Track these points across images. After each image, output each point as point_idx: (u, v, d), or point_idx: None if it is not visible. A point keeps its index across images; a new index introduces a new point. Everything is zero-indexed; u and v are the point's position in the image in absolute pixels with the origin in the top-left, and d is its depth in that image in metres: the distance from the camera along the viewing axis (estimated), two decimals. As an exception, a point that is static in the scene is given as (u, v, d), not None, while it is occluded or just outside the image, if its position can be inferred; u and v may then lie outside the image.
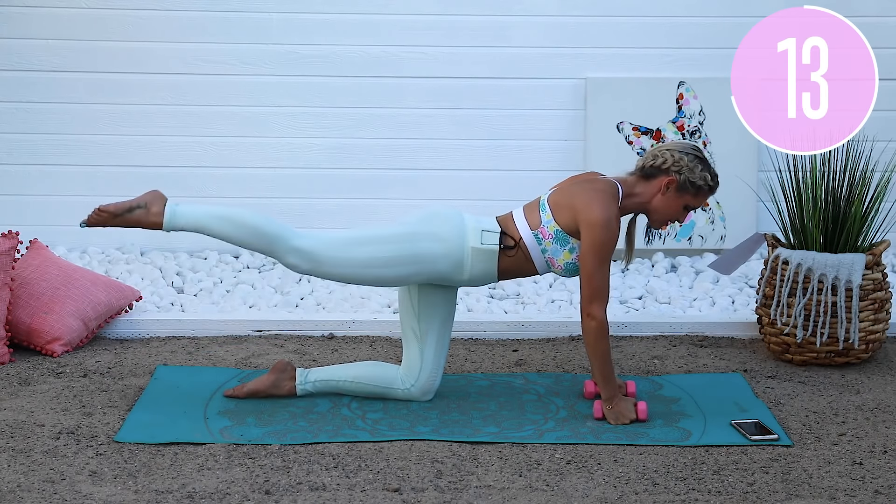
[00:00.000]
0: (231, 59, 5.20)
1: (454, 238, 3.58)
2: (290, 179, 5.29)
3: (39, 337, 4.10)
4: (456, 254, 3.59)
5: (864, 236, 4.11)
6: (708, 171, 3.60)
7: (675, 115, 5.22)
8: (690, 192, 3.60)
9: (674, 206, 3.62)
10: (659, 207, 3.62)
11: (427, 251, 3.56)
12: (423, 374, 3.69)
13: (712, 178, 3.61)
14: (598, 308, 3.53)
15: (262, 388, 3.72)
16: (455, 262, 3.59)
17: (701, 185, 3.59)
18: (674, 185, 3.59)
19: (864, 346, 4.07)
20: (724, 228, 5.26)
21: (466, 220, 3.62)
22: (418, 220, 3.62)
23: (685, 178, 3.57)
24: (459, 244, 3.59)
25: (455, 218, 3.62)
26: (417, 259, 3.57)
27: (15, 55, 5.16)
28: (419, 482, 3.18)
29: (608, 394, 3.58)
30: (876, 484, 3.20)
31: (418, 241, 3.57)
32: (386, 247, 3.55)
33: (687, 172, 3.57)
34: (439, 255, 3.57)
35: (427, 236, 3.57)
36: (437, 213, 3.64)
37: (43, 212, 5.25)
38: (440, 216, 3.62)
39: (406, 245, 3.56)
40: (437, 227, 3.59)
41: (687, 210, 3.64)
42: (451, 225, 3.60)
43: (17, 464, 3.26)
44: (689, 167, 3.58)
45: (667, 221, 3.66)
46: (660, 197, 3.61)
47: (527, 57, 5.24)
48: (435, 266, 3.58)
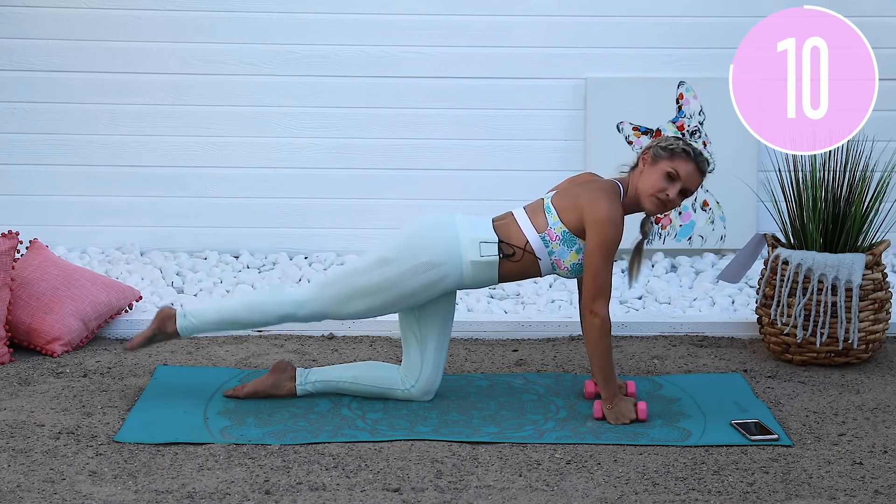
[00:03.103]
0: (231, 59, 5.20)
1: (449, 258, 3.57)
2: (290, 179, 5.29)
3: (39, 337, 4.10)
4: (454, 272, 3.59)
5: (864, 236, 4.11)
6: (680, 140, 3.62)
7: (675, 115, 5.22)
8: (664, 157, 3.59)
9: (654, 177, 3.59)
10: (643, 186, 3.61)
11: (424, 282, 3.58)
12: (423, 375, 3.69)
13: (684, 143, 3.61)
14: (602, 306, 3.53)
15: (262, 388, 3.72)
16: (455, 279, 3.60)
17: (673, 148, 3.59)
18: (648, 157, 3.62)
19: (864, 346, 4.07)
20: (724, 228, 5.26)
21: (460, 231, 3.59)
22: (405, 249, 3.59)
23: (655, 145, 3.61)
24: (456, 262, 3.58)
25: (447, 232, 3.59)
26: (416, 292, 3.59)
27: (15, 55, 5.16)
28: (419, 482, 3.18)
29: (608, 394, 3.58)
30: (876, 484, 3.20)
31: (414, 278, 3.57)
32: (383, 295, 3.59)
33: (656, 142, 3.63)
34: (436, 281, 3.58)
35: (418, 269, 3.56)
36: (426, 230, 3.61)
37: (43, 212, 5.25)
38: (428, 239, 3.59)
39: (399, 288, 3.58)
40: (429, 254, 3.57)
41: (672, 180, 3.58)
42: (443, 244, 3.58)
43: (17, 464, 3.26)
44: (660, 139, 3.65)
45: (657, 202, 3.60)
46: (640, 175, 3.63)
47: (527, 57, 5.23)
48: (434, 289, 3.60)
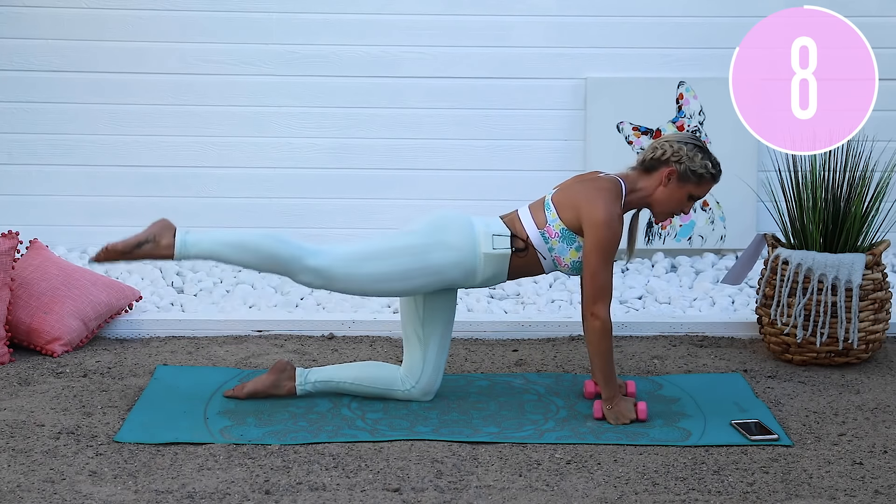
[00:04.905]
0: (231, 59, 5.20)
1: (466, 246, 3.56)
2: (290, 179, 5.28)
3: (39, 337, 4.10)
4: (469, 261, 3.57)
5: (864, 236, 4.11)
6: (709, 159, 3.57)
7: (675, 115, 5.22)
8: (692, 181, 3.56)
9: (676, 196, 3.59)
10: (662, 200, 3.59)
11: (440, 262, 3.55)
12: (424, 376, 3.69)
13: (713, 165, 3.57)
14: (602, 307, 3.52)
15: (261, 388, 3.72)
16: (468, 270, 3.58)
17: (702, 174, 3.56)
18: (675, 175, 3.56)
19: (864, 346, 4.06)
20: (724, 228, 5.26)
21: (476, 225, 3.59)
22: (428, 228, 3.58)
23: (685, 167, 3.55)
24: (472, 252, 3.56)
25: (465, 224, 3.58)
26: (430, 270, 3.55)
27: (15, 55, 5.16)
28: (419, 482, 3.18)
29: (608, 394, 3.58)
30: (876, 484, 3.20)
31: (430, 253, 3.54)
32: (398, 260, 3.53)
33: (687, 161, 3.55)
34: (452, 264, 3.56)
35: (439, 246, 3.54)
36: (446, 218, 3.60)
37: (43, 212, 5.25)
38: (449, 223, 3.58)
39: (418, 257, 3.54)
40: (448, 236, 3.56)
41: (691, 200, 3.60)
42: (461, 232, 3.57)
43: (17, 464, 3.26)
44: (689, 156, 3.55)
45: (671, 214, 3.63)
46: (662, 189, 3.58)
47: (527, 57, 5.23)
48: (447, 275, 3.57)
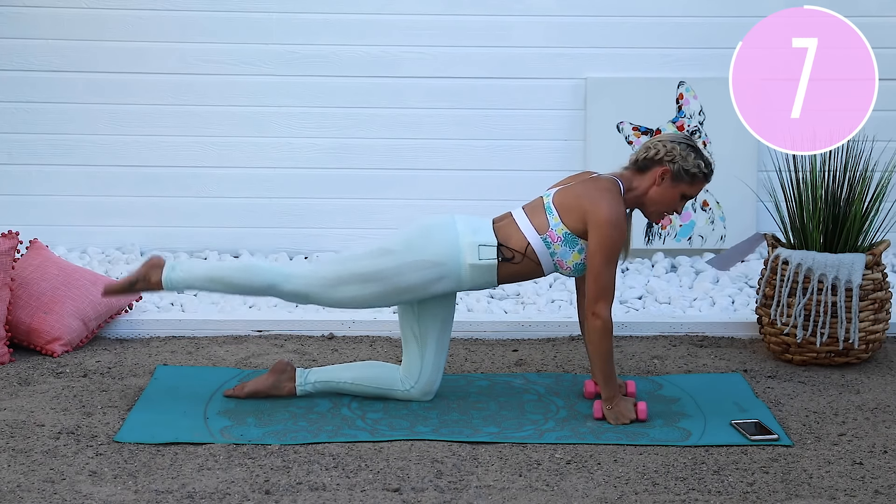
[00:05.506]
0: (231, 59, 5.19)
1: (448, 259, 3.54)
2: (290, 179, 5.28)
3: (39, 337, 4.10)
4: (452, 274, 3.56)
5: (864, 236, 4.11)
6: (701, 159, 3.58)
7: (675, 115, 5.22)
8: (686, 181, 3.58)
9: (670, 196, 3.60)
10: (655, 199, 3.61)
11: (420, 279, 3.54)
12: (423, 376, 3.69)
13: (706, 164, 3.59)
14: (604, 307, 3.52)
15: (261, 388, 3.72)
16: (452, 281, 3.57)
17: (695, 173, 3.57)
18: (668, 174, 3.57)
19: (864, 346, 4.06)
20: (724, 228, 5.26)
21: (460, 233, 3.56)
22: (406, 246, 3.55)
23: (679, 166, 3.56)
24: (455, 264, 3.55)
25: (448, 234, 3.56)
26: (410, 289, 3.55)
27: (15, 55, 5.16)
28: (419, 482, 3.18)
29: (608, 394, 3.58)
30: (876, 484, 3.20)
31: (410, 273, 3.53)
32: (375, 284, 3.54)
33: (680, 161, 3.56)
34: (433, 280, 3.55)
35: (418, 265, 3.53)
36: (429, 229, 3.58)
37: (43, 212, 5.25)
38: (432, 234, 3.56)
39: (396, 279, 3.54)
40: (429, 253, 3.54)
41: (684, 199, 3.62)
42: (444, 244, 3.55)
43: (17, 464, 3.26)
44: (683, 155, 3.56)
45: (664, 213, 3.64)
46: (655, 188, 3.59)
47: (527, 57, 5.23)
48: (431, 289, 3.57)
